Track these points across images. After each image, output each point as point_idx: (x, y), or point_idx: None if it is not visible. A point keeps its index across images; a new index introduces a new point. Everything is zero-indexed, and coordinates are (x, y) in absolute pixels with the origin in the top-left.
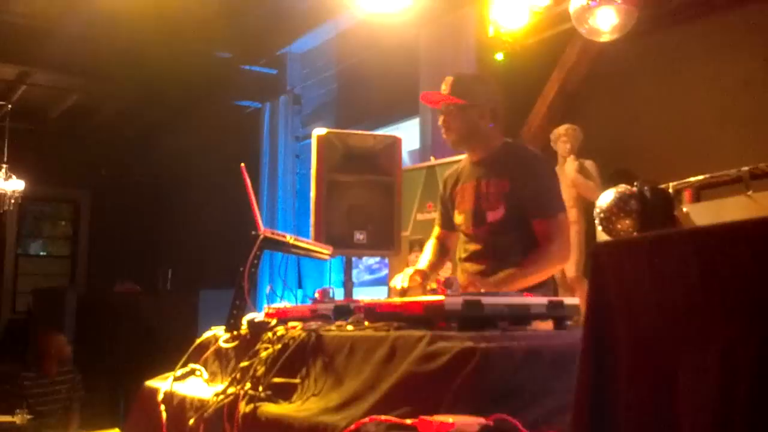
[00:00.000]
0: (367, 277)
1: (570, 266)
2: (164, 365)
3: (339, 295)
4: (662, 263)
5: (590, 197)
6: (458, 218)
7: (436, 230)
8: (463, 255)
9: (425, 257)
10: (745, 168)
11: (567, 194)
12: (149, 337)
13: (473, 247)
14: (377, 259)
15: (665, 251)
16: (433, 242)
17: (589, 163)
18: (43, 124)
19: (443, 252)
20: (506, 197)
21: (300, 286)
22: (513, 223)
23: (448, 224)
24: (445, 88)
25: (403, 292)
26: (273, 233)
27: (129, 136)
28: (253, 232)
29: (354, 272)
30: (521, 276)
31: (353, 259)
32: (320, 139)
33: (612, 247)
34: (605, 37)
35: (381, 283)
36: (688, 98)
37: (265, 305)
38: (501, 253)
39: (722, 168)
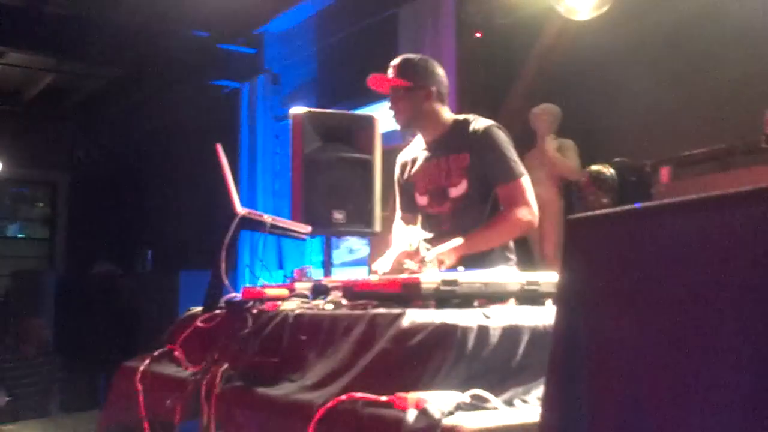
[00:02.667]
0: (349, 257)
1: (548, 244)
2: (144, 346)
3: (319, 275)
4: (637, 236)
5: (569, 176)
6: (422, 199)
7: (399, 214)
8: (428, 236)
9: (398, 238)
10: (722, 146)
11: (546, 173)
12: (129, 319)
13: (437, 226)
14: (359, 240)
15: (640, 224)
16: (400, 224)
17: (567, 142)
18: (18, 105)
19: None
20: (467, 171)
21: (281, 266)
22: (477, 197)
23: (408, 207)
24: (391, 72)
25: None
26: (250, 213)
27: (106, 117)
28: (230, 212)
29: (335, 252)
30: (484, 236)
31: (334, 239)
32: (298, 118)
33: (586, 221)
34: (583, 16)
35: (362, 264)
36: (665, 77)
37: (243, 285)
38: (466, 230)
39: (699, 146)
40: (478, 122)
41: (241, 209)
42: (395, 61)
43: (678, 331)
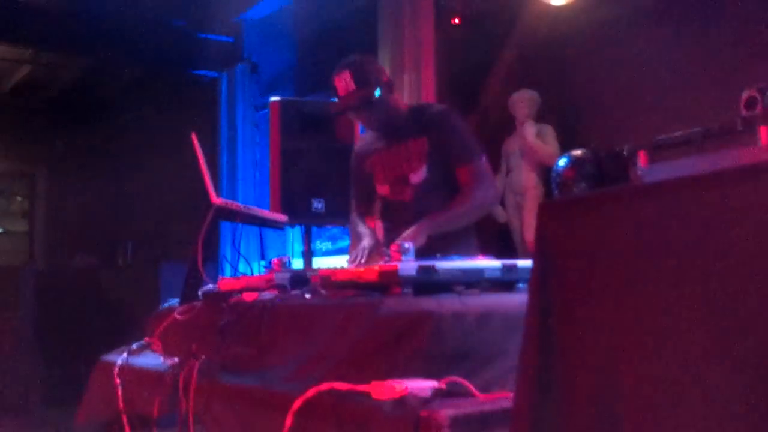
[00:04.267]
0: (329, 246)
1: (529, 230)
2: (126, 339)
3: (300, 264)
4: (607, 220)
5: (548, 162)
6: (382, 189)
7: (354, 206)
8: (389, 225)
9: (365, 231)
10: (698, 129)
11: (525, 159)
12: (110, 312)
13: (400, 214)
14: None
15: (611, 208)
16: (357, 218)
17: (546, 128)
18: None
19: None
20: (426, 156)
21: (263, 257)
22: (438, 182)
23: (363, 198)
24: (346, 85)
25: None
26: (226, 203)
27: (84, 108)
28: (206, 203)
29: (317, 242)
30: (447, 216)
31: (316, 228)
32: (276, 106)
33: (558, 206)
34: (560, 1)
35: (344, 252)
36: (642, 62)
37: (221, 276)
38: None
39: (676, 129)
40: (434, 107)
41: (216, 199)
42: (344, 72)
43: (652, 314)
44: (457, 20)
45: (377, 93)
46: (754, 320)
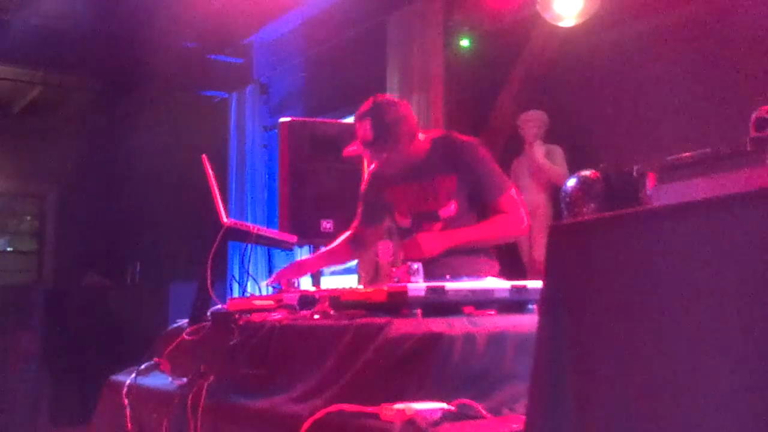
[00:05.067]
0: (337, 267)
1: (538, 250)
2: (134, 359)
3: (308, 285)
4: (619, 243)
5: (557, 182)
6: (403, 221)
7: (355, 224)
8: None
9: (329, 247)
10: (707, 150)
11: (534, 179)
12: (118, 332)
13: None
14: None
15: (621, 230)
16: (347, 235)
17: (555, 148)
18: (6, 118)
19: (356, 246)
20: (456, 193)
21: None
22: (467, 216)
23: (370, 220)
24: (365, 135)
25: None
26: (236, 224)
27: (95, 128)
28: (216, 224)
29: None
30: (471, 231)
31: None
32: (285, 127)
33: (569, 228)
34: (569, 23)
35: (352, 272)
36: (652, 83)
37: (230, 296)
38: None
39: (686, 151)
40: (459, 141)
41: (227, 220)
42: (365, 122)
43: (664, 335)
44: (466, 42)
45: (394, 148)
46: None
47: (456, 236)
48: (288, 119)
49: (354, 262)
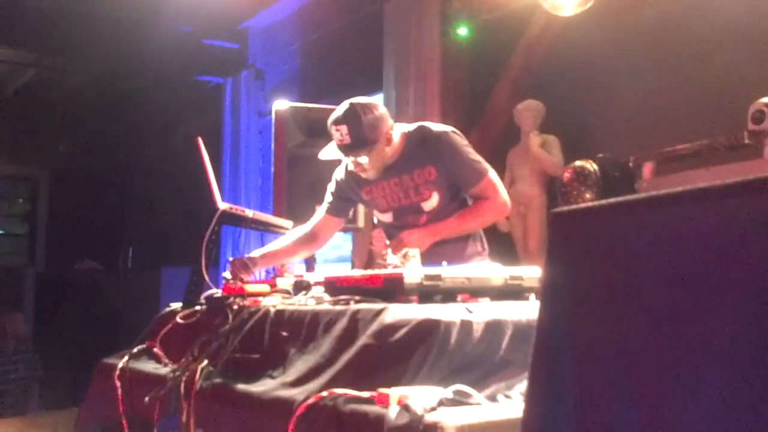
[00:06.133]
0: (331, 255)
1: (532, 239)
2: (126, 344)
3: (302, 270)
4: (619, 230)
5: (553, 172)
6: (384, 216)
7: (320, 215)
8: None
9: (279, 242)
10: (704, 142)
11: (530, 169)
12: (111, 316)
13: None
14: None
15: (622, 218)
16: (305, 229)
17: (551, 138)
18: None
19: (310, 240)
20: (436, 183)
21: None
22: (450, 206)
23: (336, 211)
24: (341, 139)
25: None
26: (231, 208)
27: (88, 112)
28: (211, 208)
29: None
30: (454, 222)
31: None
32: (281, 113)
33: (569, 215)
34: (567, 12)
35: (345, 260)
36: (649, 73)
37: (224, 281)
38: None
39: (682, 142)
40: (434, 132)
41: (221, 204)
42: (343, 128)
43: (665, 323)
44: (463, 30)
45: (372, 150)
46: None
47: (439, 229)
48: (283, 104)
49: (349, 250)
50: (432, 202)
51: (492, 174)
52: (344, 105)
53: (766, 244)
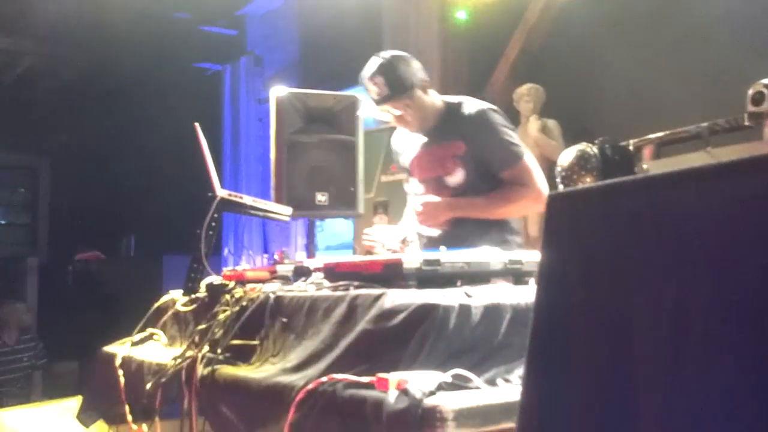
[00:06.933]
0: (333, 242)
1: (532, 224)
2: (128, 332)
3: (302, 257)
4: (616, 211)
5: (553, 157)
6: (417, 188)
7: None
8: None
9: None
10: (704, 124)
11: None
12: (113, 304)
13: None
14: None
15: (619, 200)
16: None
17: (551, 123)
18: None
19: None
20: (463, 159)
21: (266, 250)
22: (477, 185)
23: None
24: (380, 91)
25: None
26: (230, 194)
27: (87, 100)
28: (209, 194)
29: (319, 236)
30: (480, 202)
31: (317, 222)
32: (279, 99)
33: (566, 197)
34: None
35: (347, 247)
36: (648, 56)
37: (224, 268)
38: (466, 218)
39: (682, 125)
40: (471, 107)
41: (220, 191)
42: (377, 78)
43: (664, 307)
44: (462, 14)
45: (410, 98)
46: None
47: (461, 204)
48: (281, 90)
49: (350, 237)
50: (457, 177)
51: (529, 159)
52: (375, 59)
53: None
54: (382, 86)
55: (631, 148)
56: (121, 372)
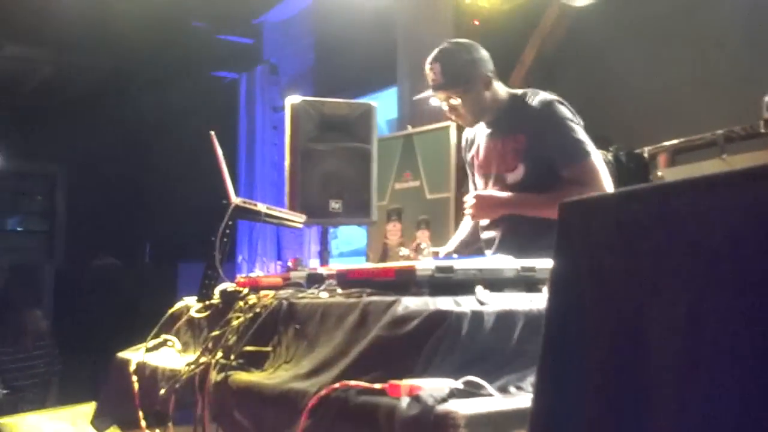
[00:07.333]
0: (346, 248)
1: None
2: (143, 338)
3: (316, 264)
4: (630, 219)
5: None
6: (479, 183)
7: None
8: (483, 223)
9: (457, 237)
10: (720, 131)
11: None
12: (128, 311)
13: None
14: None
15: (633, 207)
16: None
17: None
18: (16, 97)
19: (476, 230)
20: (524, 154)
21: (279, 257)
22: (536, 183)
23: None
24: (435, 78)
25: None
26: (245, 202)
27: (105, 108)
28: (224, 201)
29: (333, 243)
30: (535, 200)
31: (331, 229)
32: (294, 107)
33: (579, 205)
34: (581, 2)
35: (360, 254)
36: (663, 63)
37: (238, 274)
38: (524, 218)
39: (697, 132)
40: (536, 98)
41: (235, 198)
42: (435, 66)
43: (677, 316)
44: (476, 21)
45: (467, 92)
46: None
47: (515, 201)
48: (296, 98)
49: (364, 244)
50: (517, 174)
51: (596, 158)
52: (442, 44)
53: None
54: (438, 74)
55: (645, 155)
56: (135, 378)
